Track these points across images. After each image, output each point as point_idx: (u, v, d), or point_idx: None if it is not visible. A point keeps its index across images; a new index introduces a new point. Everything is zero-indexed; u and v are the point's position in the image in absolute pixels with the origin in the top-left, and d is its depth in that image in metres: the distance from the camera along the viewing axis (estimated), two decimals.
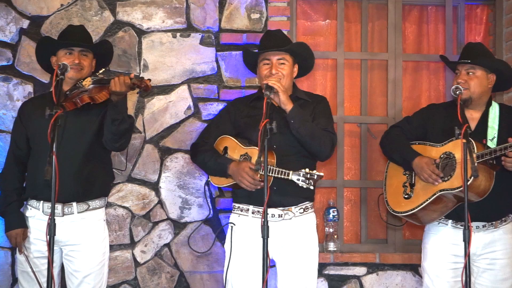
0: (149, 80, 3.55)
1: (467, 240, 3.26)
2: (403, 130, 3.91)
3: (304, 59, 3.82)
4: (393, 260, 4.52)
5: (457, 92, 3.62)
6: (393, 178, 3.89)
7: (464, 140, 3.27)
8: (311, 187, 3.44)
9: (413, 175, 3.79)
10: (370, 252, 4.57)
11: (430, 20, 4.93)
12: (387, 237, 4.72)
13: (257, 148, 3.33)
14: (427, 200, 3.66)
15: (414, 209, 3.71)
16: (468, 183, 3.35)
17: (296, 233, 3.65)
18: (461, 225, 3.61)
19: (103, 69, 3.77)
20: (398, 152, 3.85)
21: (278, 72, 3.63)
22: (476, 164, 3.30)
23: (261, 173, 3.31)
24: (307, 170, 3.43)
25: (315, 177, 3.41)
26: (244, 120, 3.76)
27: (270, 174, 3.46)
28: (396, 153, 3.87)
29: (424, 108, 4.07)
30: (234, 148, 3.71)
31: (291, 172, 3.44)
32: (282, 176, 3.47)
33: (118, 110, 3.56)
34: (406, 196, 3.78)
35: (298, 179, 3.43)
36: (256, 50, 3.86)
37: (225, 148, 3.75)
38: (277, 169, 3.47)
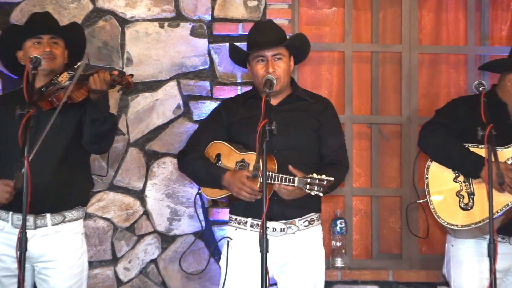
0: (131, 75, 3.54)
1: (492, 255, 3.32)
2: (448, 129, 3.85)
3: (300, 50, 3.80)
4: (408, 278, 4.50)
5: (481, 88, 3.61)
6: (440, 185, 3.80)
7: (489, 144, 3.34)
8: (321, 194, 3.37)
9: (471, 183, 3.73)
10: (382, 269, 4.56)
11: (449, 8, 4.91)
12: (401, 252, 4.69)
13: (255, 153, 3.27)
14: (502, 210, 3.61)
15: (480, 222, 3.64)
16: None
17: (300, 249, 3.62)
18: (502, 238, 3.72)
19: (84, 62, 3.70)
20: (459, 157, 3.77)
21: (276, 70, 3.60)
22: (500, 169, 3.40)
23: (260, 181, 3.27)
24: (314, 175, 3.36)
25: (325, 182, 3.33)
26: (239, 122, 3.72)
27: (272, 182, 3.41)
28: (454, 158, 3.79)
29: (458, 101, 4.02)
30: (228, 154, 3.66)
31: (296, 178, 3.38)
32: (287, 183, 3.42)
33: (98, 109, 3.54)
34: (464, 207, 3.72)
35: (306, 186, 3.36)
36: (246, 46, 3.79)
37: (218, 155, 3.69)
38: (280, 175, 3.41)
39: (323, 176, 3.35)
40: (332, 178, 3.35)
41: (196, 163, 3.70)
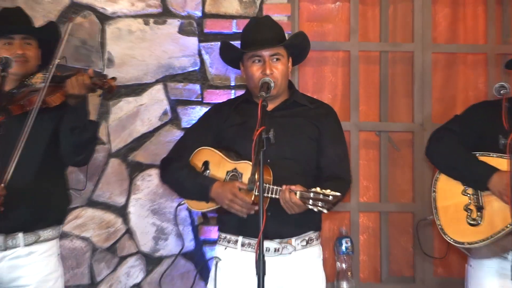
0: (114, 79, 3.47)
1: None
2: (459, 137, 3.75)
3: (300, 50, 3.72)
4: None
5: (502, 92, 3.52)
6: (447, 198, 3.70)
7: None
8: (325, 211, 3.21)
9: (480, 196, 3.61)
10: None
11: (467, 2, 4.90)
12: (414, 275, 4.67)
13: (250, 162, 3.22)
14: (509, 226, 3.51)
15: (488, 238, 3.51)
16: None
17: (296, 272, 3.51)
18: None
19: (59, 60, 3.57)
20: (464, 166, 3.68)
21: (273, 72, 3.53)
22: None
23: (256, 193, 3.20)
24: (318, 189, 3.21)
25: (331, 198, 3.17)
26: (230, 129, 3.65)
27: (267, 195, 3.29)
28: (461, 168, 3.70)
29: (477, 106, 3.89)
30: (217, 163, 3.57)
31: (298, 191, 3.25)
32: None
33: (77, 115, 3.47)
34: (472, 223, 3.60)
35: (308, 201, 3.22)
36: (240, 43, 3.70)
37: (205, 163, 3.60)
38: (277, 188, 3.30)
39: (328, 191, 3.20)
40: (338, 194, 3.21)
41: (181, 172, 3.62)
